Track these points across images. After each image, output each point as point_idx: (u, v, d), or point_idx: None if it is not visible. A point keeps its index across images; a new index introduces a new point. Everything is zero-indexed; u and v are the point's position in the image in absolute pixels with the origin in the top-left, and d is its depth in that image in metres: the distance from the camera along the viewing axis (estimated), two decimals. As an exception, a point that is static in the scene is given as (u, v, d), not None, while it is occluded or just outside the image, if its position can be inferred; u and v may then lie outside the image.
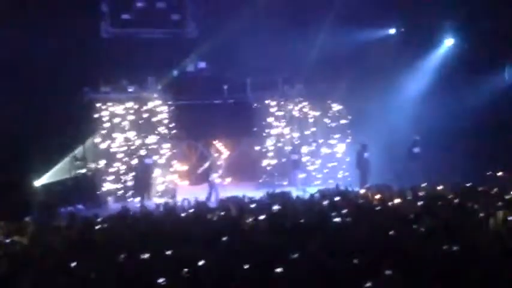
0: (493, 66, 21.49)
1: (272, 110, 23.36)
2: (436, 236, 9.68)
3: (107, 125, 20.99)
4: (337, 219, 11.93)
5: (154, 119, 21.61)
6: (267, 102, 23.32)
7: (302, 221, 11.77)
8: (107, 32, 22.86)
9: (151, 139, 21.49)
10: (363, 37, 22.80)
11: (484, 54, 21.05)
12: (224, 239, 10.33)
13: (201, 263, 8.63)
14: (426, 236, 9.94)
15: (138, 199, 20.27)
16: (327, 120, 23.80)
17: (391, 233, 10.07)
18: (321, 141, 23.78)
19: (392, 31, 24.03)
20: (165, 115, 21.77)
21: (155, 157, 21.33)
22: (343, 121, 23.78)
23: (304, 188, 20.54)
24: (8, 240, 11.46)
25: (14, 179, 17.84)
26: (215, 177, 20.92)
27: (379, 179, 19.10)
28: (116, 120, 21.10)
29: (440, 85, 22.01)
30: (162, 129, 21.71)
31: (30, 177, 19.21)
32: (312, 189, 18.02)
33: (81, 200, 19.34)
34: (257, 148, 23.45)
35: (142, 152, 21.13)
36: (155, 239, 10.52)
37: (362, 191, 16.67)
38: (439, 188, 15.68)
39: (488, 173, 18.14)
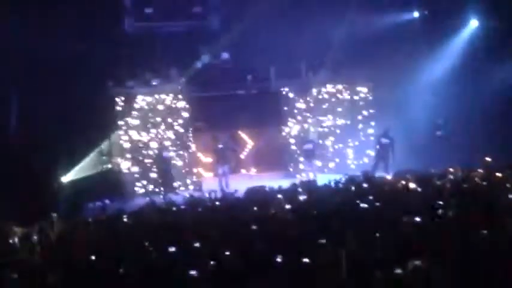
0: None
1: (295, 97, 23.21)
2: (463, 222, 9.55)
3: (131, 119, 21.07)
4: (363, 205, 11.86)
5: (178, 112, 21.62)
6: (290, 90, 23.18)
7: (329, 208, 11.70)
8: (130, 26, 22.91)
9: (175, 132, 21.53)
10: (387, 21, 22.61)
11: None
12: (253, 228, 10.34)
13: (227, 253, 8.64)
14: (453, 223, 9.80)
15: (162, 193, 20.36)
16: (351, 106, 23.53)
17: (417, 219, 9.95)
18: (340, 122, 23.53)
19: (416, 14, 23.77)
20: (188, 107, 21.76)
21: (179, 149, 21.41)
22: (367, 108, 23.53)
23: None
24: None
25: (41, 176, 17.93)
26: (223, 168, 21.03)
27: (404, 164, 18.90)
28: (140, 113, 21.17)
29: (465, 69, 21.83)
30: (186, 122, 21.71)
31: (57, 173, 19.33)
32: (336, 176, 17.81)
33: (107, 195, 19.39)
34: (282, 137, 23.40)
35: (166, 145, 21.23)
36: (181, 232, 10.52)
37: (388, 177, 16.50)
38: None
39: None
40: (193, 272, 7.96)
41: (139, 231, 11.08)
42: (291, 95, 23.13)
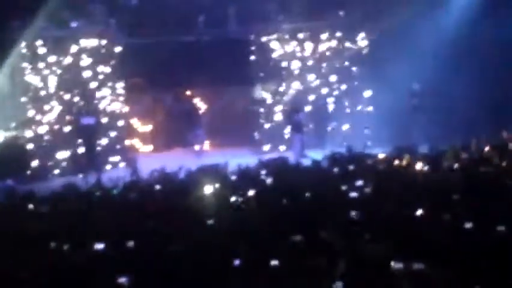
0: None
1: (264, 48, 23.31)
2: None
3: (41, 72, 20.87)
4: (352, 194, 12.04)
5: (105, 63, 21.49)
6: (256, 38, 23.24)
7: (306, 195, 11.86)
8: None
9: (104, 91, 21.44)
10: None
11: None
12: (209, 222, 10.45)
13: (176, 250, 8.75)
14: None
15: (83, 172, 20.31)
16: (338, 64, 23.73)
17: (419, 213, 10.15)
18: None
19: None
20: (119, 58, 21.65)
21: (106, 115, 21.37)
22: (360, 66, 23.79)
23: (308, 155, 20.52)
24: None
25: None
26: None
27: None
28: (54, 65, 20.99)
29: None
30: (115, 77, 21.62)
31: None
32: (318, 155, 18.02)
33: (10, 173, 19.26)
34: (249, 99, 23.47)
35: (88, 109, 21.09)
36: (111, 226, 10.59)
37: (382, 155, 16.69)
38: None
39: None
40: (123, 280, 7.99)
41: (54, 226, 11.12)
42: (256, 43, 23.19)
